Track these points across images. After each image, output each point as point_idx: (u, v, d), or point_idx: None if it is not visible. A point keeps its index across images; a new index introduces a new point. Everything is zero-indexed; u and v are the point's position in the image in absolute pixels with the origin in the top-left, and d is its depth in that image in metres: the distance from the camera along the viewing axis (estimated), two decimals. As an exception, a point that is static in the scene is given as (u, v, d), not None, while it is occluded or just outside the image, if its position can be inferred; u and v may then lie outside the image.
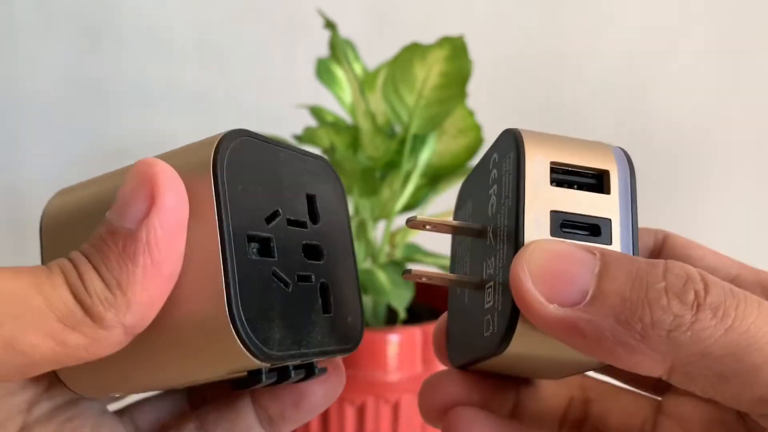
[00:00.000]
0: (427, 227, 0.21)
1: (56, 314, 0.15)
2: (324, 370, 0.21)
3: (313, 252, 0.21)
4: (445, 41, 0.44)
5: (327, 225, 0.22)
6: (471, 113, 0.48)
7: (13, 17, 0.69)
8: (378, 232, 0.52)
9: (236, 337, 0.17)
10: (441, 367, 0.46)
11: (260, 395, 0.22)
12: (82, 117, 0.70)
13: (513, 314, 0.17)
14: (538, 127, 0.22)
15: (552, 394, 0.23)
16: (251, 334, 0.17)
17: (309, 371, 0.21)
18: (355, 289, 0.22)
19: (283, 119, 0.59)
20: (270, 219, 0.19)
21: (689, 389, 0.17)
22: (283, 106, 0.62)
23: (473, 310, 0.21)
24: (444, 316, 0.24)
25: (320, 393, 0.22)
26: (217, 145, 0.18)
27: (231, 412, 0.22)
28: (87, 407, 0.21)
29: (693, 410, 0.21)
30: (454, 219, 0.24)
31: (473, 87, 0.46)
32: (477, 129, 0.48)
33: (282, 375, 0.20)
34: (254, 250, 0.19)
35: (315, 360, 0.21)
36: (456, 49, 0.44)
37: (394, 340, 0.43)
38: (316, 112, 0.53)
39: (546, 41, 0.69)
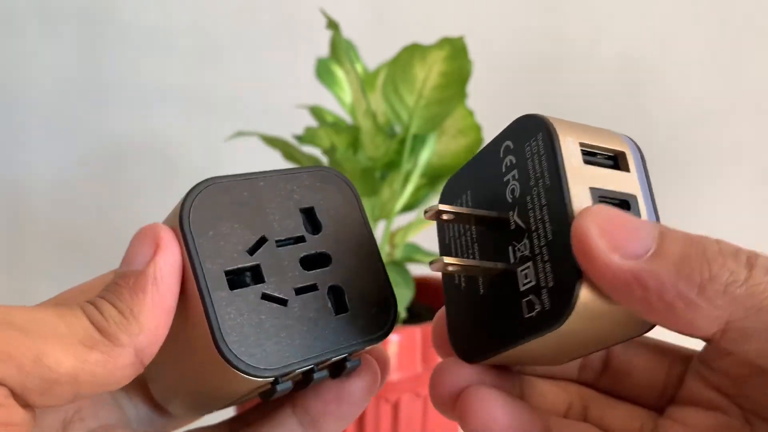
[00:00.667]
0: (444, 216, 0.22)
1: (77, 336, 0.18)
2: (357, 363, 0.23)
3: (317, 261, 0.22)
4: (445, 42, 0.45)
5: (334, 229, 0.23)
6: (471, 113, 0.48)
7: (13, 17, 0.69)
8: (378, 232, 0.52)
9: (226, 363, 0.19)
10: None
11: (300, 399, 0.23)
12: (82, 117, 0.70)
13: (569, 286, 0.18)
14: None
15: (554, 394, 0.23)
16: (240, 358, 0.20)
17: (336, 369, 0.22)
18: (380, 280, 0.23)
19: (283, 119, 0.59)
20: (255, 248, 0.21)
21: (742, 351, 0.17)
22: (283, 106, 0.62)
23: (495, 298, 0.21)
24: (442, 312, 0.24)
25: (359, 385, 0.23)
26: (183, 202, 0.21)
27: (270, 422, 0.23)
28: None
29: (698, 416, 0.21)
30: None
31: (473, 87, 0.46)
32: (477, 129, 0.48)
33: (302, 379, 0.21)
34: (245, 279, 0.21)
35: (335, 358, 0.22)
36: (456, 49, 0.44)
37: (394, 340, 0.43)
38: (316, 112, 0.53)
39: (546, 41, 0.69)
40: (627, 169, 0.20)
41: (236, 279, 0.21)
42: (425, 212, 0.22)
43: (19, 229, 0.71)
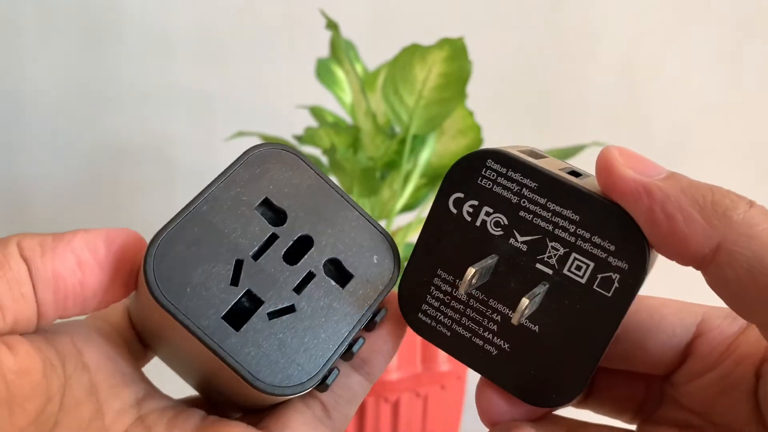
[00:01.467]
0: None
1: None
2: (384, 310, 0.23)
3: (299, 247, 0.22)
4: (445, 42, 0.45)
5: (297, 204, 0.22)
6: (470, 114, 0.48)
7: (13, 17, 0.69)
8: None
9: (273, 396, 0.20)
10: (440, 368, 0.47)
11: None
12: (82, 117, 0.70)
13: (633, 231, 0.20)
14: (538, 126, 0.23)
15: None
16: (282, 385, 0.20)
17: (369, 326, 0.23)
18: (364, 226, 0.23)
19: (283, 119, 0.60)
20: (236, 276, 0.21)
21: (727, 276, 0.18)
22: (283, 106, 0.62)
23: (561, 316, 0.21)
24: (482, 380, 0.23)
25: (391, 324, 0.24)
26: (147, 281, 0.20)
27: None
28: (193, 412, 0.23)
29: None
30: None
31: (473, 87, 0.46)
32: (476, 129, 0.48)
33: (344, 355, 0.22)
34: (244, 306, 0.21)
35: (362, 326, 0.22)
36: (456, 50, 0.45)
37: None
38: (316, 112, 0.53)
39: (545, 42, 0.69)
40: (546, 156, 0.23)
41: (237, 314, 0.21)
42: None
43: (19, 229, 0.71)
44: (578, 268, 0.21)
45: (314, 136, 0.48)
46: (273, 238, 0.22)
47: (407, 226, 0.52)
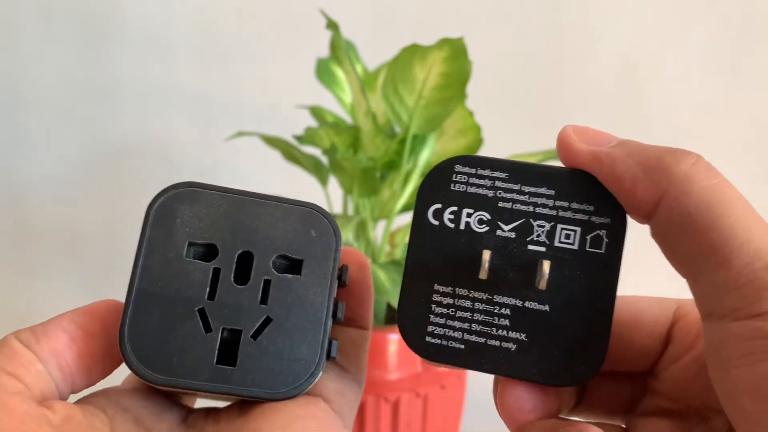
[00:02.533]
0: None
1: None
2: (345, 267, 0.24)
3: (244, 264, 0.23)
4: (445, 42, 0.45)
5: (221, 231, 0.23)
6: (470, 114, 0.48)
7: (14, 17, 0.69)
8: (378, 232, 0.52)
9: (287, 399, 0.22)
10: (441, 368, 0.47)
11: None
12: (83, 117, 0.70)
13: (601, 189, 0.22)
14: (538, 127, 0.23)
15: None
16: (290, 388, 0.22)
17: (341, 281, 0.24)
18: (293, 211, 0.23)
19: (283, 119, 0.60)
20: (206, 324, 0.22)
21: (663, 230, 0.20)
22: (283, 106, 0.62)
23: (564, 288, 0.22)
24: (498, 380, 0.23)
25: (360, 273, 0.25)
26: (140, 375, 0.22)
27: None
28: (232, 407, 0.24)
29: (657, 423, 0.23)
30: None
31: (473, 87, 0.46)
32: (476, 129, 0.49)
33: (335, 323, 0.23)
34: (227, 340, 0.22)
35: (333, 297, 0.23)
36: (456, 50, 0.45)
37: (394, 340, 0.43)
38: (316, 112, 0.53)
39: (545, 42, 0.69)
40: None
41: (226, 352, 0.22)
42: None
43: (19, 229, 0.71)
44: (567, 236, 0.22)
45: (314, 136, 0.49)
46: (216, 272, 0.22)
47: (407, 226, 0.52)
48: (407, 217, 0.52)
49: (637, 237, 0.24)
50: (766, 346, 0.18)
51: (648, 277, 0.40)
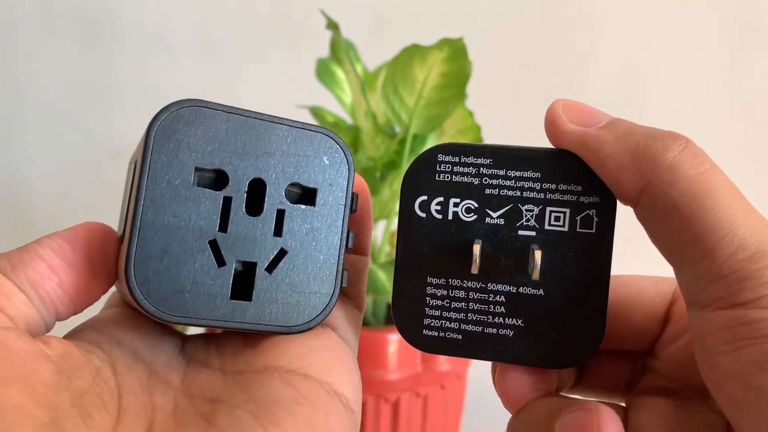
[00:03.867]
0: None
1: None
2: (356, 195, 0.23)
3: (256, 193, 0.22)
4: (445, 42, 0.45)
5: (229, 155, 0.21)
6: (470, 114, 0.48)
7: (13, 17, 0.69)
8: (378, 231, 0.52)
9: (304, 332, 0.22)
10: (440, 367, 0.47)
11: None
12: (82, 117, 0.70)
13: (588, 171, 0.21)
14: (538, 127, 0.23)
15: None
16: (305, 321, 0.22)
17: (351, 209, 0.23)
18: (308, 136, 0.22)
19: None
20: (219, 257, 0.21)
21: (647, 217, 0.20)
22: (283, 106, 0.62)
23: (558, 273, 0.22)
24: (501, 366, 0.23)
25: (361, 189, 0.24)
26: (152, 314, 0.21)
27: None
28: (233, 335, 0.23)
29: (657, 401, 0.23)
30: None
31: (473, 87, 0.46)
32: (477, 129, 0.48)
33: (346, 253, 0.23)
34: (241, 274, 0.22)
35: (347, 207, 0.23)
36: (456, 50, 0.44)
37: (394, 340, 0.43)
38: (316, 112, 0.53)
39: (545, 42, 0.69)
40: None
41: (241, 286, 0.21)
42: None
43: (19, 229, 0.71)
44: (557, 219, 0.22)
45: (314, 136, 0.48)
46: (227, 201, 0.21)
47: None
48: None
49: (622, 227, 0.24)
50: (746, 334, 0.18)
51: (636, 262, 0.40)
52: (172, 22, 0.69)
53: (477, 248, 0.21)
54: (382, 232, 0.51)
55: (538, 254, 0.21)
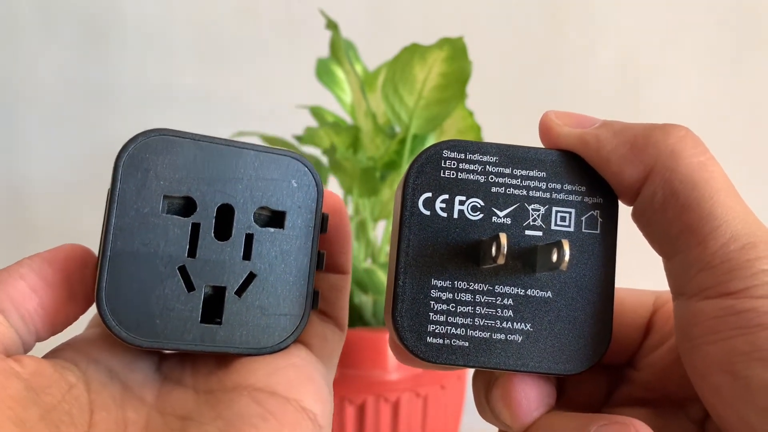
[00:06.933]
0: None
1: None
2: (326, 215, 0.24)
3: (225, 218, 0.22)
4: (445, 42, 0.45)
5: (197, 182, 0.22)
6: (470, 113, 0.48)
7: (13, 17, 0.69)
8: (378, 232, 0.52)
9: (274, 353, 0.22)
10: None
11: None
12: (82, 117, 0.70)
13: (593, 172, 0.21)
14: (537, 126, 0.23)
15: None
16: (276, 343, 0.22)
17: (322, 229, 0.23)
18: (274, 160, 0.22)
19: (283, 119, 0.59)
20: (188, 282, 0.21)
21: (646, 207, 0.20)
22: (283, 106, 0.62)
23: (567, 275, 0.22)
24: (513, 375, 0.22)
25: (336, 216, 0.24)
26: (122, 339, 0.21)
27: None
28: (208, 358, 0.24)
29: (632, 412, 0.23)
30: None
31: (473, 87, 0.46)
32: (477, 129, 0.48)
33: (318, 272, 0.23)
34: (211, 297, 0.22)
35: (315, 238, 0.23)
36: (456, 50, 0.44)
37: (394, 340, 0.43)
38: (316, 112, 0.53)
39: (545, 42, 0.69)
40: None
41: (210, 310, 0.22)
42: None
43: (19, 229, 0.71)
44: (563, 219, 0.21)
45: (314, 136, 0.48)
46: (196, 227, 0.21)
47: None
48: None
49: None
50: (735, 323, 0.18)
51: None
52: (172, 22, 0.69)
53: (504, 237, 0.20)
54: (382, 232, 0.51)
55: (566, 243, 0.20)
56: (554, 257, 0.20)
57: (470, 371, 0.49)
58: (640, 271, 0.34)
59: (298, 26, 0.69)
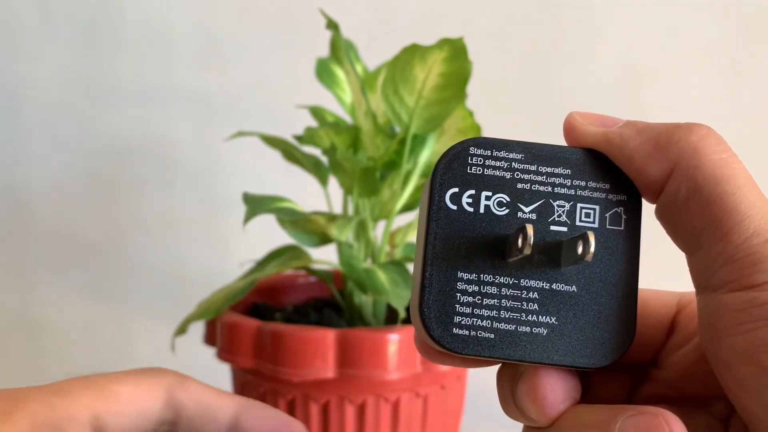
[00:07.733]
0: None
1: None
2: None
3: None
4: (445, 42, 0.45)
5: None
6: (471, 113, 0.48)
7: (13, 17, 0.69)
8: (378, 232, 0.52)
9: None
10: (440, 368, 0.47)
11: None
12: (82, 117, 0.70)
13: (615, 169, 0.22)
14: (538, 127, 0.23)
15: None
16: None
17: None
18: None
19: (283, 119, 0.59)
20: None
21: (669, 204, 0.20)
22: (283, 106, 0.62)
23: (590, 270, 0.22)
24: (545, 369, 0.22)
25: None
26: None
27: None
28: None
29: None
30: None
31: (473, 87, 0.46)
32: (477, 129, 0.48)
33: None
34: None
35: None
36: (456, 50, 0.44)
37: (394, 340, 0.43)
38: (316, 112, 0.53)
39: (545, 42, 0.69)
40: None
41: None
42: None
43: (19, 230, 0.71)
44: (587, 215, 0.22)
45: (314, 136, 0.48)
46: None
47: (407, 226, 0.52)
48: (407, 217, 0.52)
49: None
50: (759, 315, 0.18)
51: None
52: (172, 21, 0.69)
53: (530, 228, 0.20)
54: (382, 232, 0.51)
55: (591, 235, 0.20)
56: (579, 249, 0.20)
57: (470, 371, 0.49)
58: (662, 272, 0.34)
59: (298, 26, 0.69)
